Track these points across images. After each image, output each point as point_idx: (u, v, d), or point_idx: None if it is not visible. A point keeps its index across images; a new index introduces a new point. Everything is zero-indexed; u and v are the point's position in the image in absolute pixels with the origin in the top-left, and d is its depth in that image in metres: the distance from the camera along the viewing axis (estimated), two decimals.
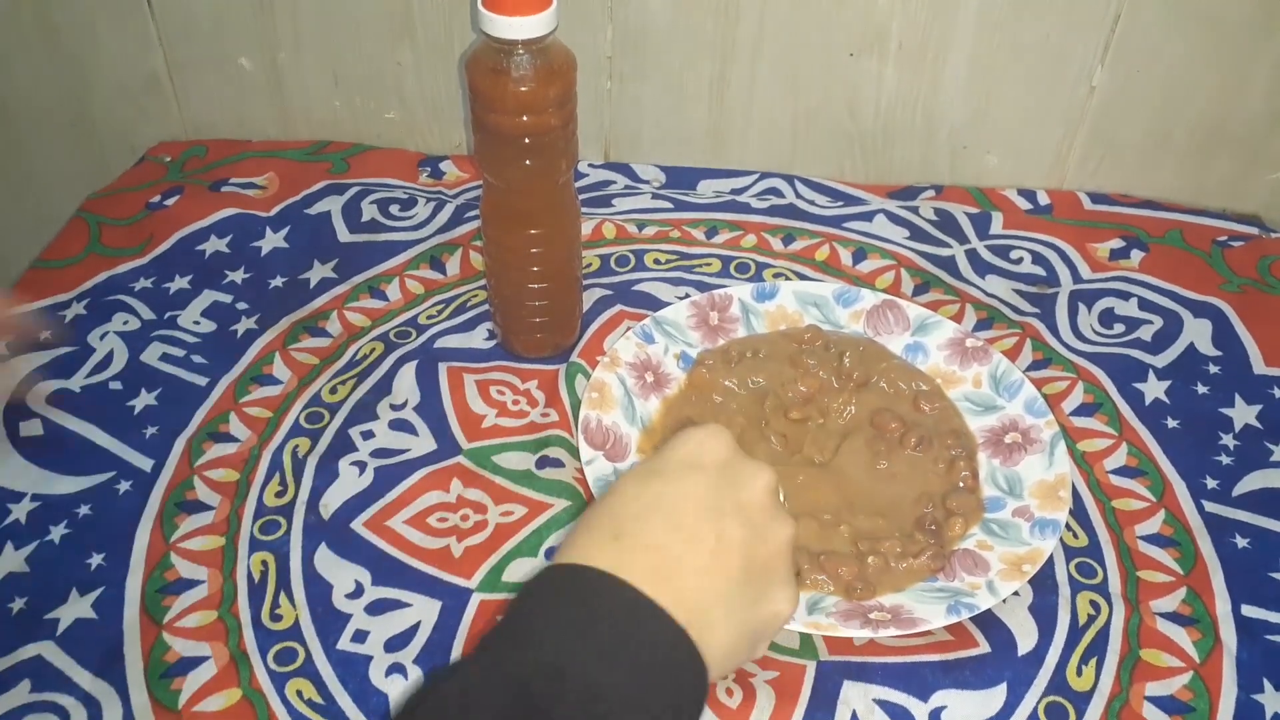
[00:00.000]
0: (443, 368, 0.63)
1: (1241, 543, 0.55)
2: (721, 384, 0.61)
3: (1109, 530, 0.55)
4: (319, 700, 0.47)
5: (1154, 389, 0.63)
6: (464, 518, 0.55)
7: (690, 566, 0.37)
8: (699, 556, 0.37)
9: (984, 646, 0.50)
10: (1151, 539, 0.55)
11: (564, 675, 0.33)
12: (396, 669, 0.48)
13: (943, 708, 0.47)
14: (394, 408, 0.61)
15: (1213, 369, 0.64)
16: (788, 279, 0.70)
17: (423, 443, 0.59)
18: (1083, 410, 0.62)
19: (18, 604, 0.51)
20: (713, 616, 0.36)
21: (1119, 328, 0.67)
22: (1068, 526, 0.55)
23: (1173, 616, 0.51)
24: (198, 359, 0.64)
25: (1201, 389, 0.63)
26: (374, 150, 0.82)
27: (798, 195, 0.78)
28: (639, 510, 0.38)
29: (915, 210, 0.76)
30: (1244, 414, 0.61)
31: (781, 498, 0.42)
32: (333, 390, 0.62)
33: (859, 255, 0.72)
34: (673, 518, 0.38)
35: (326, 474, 0.57)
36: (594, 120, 0.80)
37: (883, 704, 0.47)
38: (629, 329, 0.64)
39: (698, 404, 0.61)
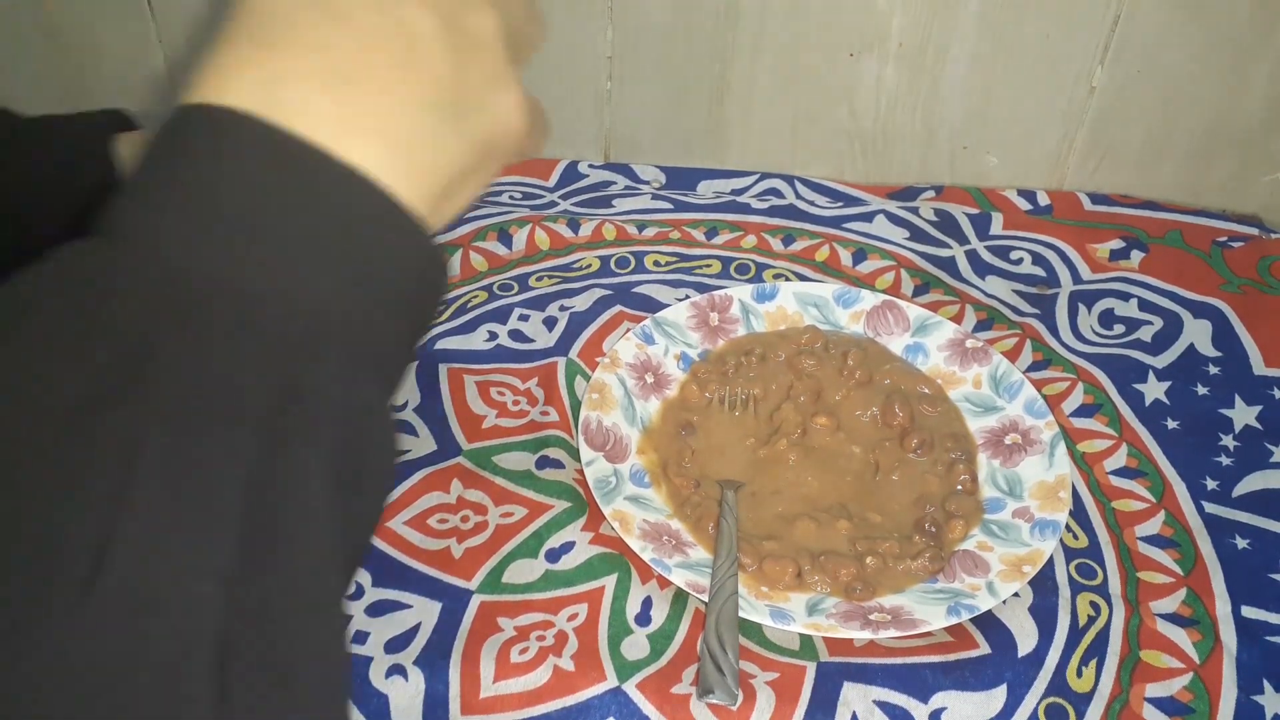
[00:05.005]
0: (443, 369, 0.63)
1: (1241, 544, 0.55)
2: (716, 395, 0.61)
3: (1109, 531, 0.55)
4: None
5: (1154, 390, 0.63)
6: (464, 519, 0.55)
7: (373, 71, 0.26)
8: (382, 56, 0.26)
9: (984, 648, 0.50)
10: (1151, 540, 0.55)
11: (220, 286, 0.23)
12: (397, 670, 0.48)
13: (943, 709, 0.47)
14: (394, 409, 0.61)
15: (1213, 370, 0.64)
16: (788, 280, 0.70)
17: (423, 444, 0.59)
18: (1083, 411, 0.62)
19: None
20: (418, 141, 0.26)
21: (1119, 328, 0.67)
22: (1068, 527, 0.55)
23: (1173, 617, 0.51)
24: None
25: (1201, 390, 0.63)
26: None
27: (798, 196, 0.78)
28: (284, 7, 0.26)
29: (915, 211, 0.76)
30: (1244, 415, 0.61)
31: None
32: None
33: (859, 256, 0.72)
34: (332, 8, 0.26)
35: None
36: (594, 120, 0.80)
37: (883, 705, 0.47)
38: (629, 330, 0.64)
39: (695, 408, 0.61)
